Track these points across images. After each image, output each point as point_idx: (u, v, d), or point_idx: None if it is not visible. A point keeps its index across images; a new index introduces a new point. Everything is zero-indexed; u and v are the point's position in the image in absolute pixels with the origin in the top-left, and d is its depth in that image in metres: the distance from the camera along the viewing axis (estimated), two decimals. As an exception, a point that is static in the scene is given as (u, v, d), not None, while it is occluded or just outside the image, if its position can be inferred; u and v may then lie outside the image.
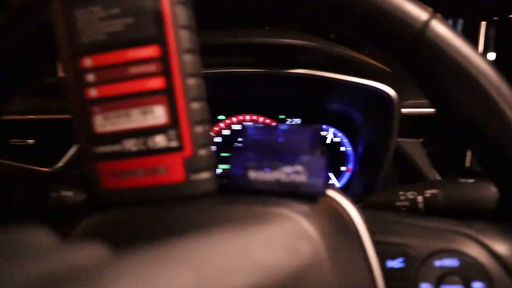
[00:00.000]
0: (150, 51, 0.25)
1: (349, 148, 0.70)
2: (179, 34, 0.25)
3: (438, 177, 0.57)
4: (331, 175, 0.70)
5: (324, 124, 0.70)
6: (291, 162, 0.26)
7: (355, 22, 0.28)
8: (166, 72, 0.25)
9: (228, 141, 0.71)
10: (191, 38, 0.25)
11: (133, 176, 0.26)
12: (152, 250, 0.20)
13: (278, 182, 0.26)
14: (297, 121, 0.70)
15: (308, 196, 0.26)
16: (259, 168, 0.26)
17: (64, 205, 0.41)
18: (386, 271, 0.27)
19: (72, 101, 0.26)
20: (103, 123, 0.26)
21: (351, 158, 0.70)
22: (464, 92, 0.27)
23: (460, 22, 0.85)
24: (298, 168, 0.26)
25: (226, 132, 0.71)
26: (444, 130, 0.57)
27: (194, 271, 0.19)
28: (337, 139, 0.70)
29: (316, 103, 0.68)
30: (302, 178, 0.26)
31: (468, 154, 0.54)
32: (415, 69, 0.29)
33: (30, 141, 0.58)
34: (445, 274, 0.27)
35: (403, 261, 0.27)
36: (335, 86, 0.58)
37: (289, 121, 0.71)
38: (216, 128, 0.72)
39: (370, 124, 0.62)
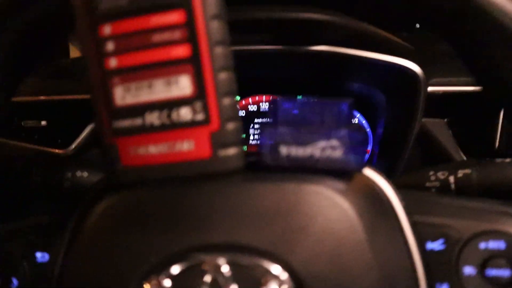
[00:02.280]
0: (174, 17, 0.23)
1: (368, 129, 0.68)
2: None
3: (465, 159, 0.55)
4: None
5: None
6: (326, 136, 0.24)
7: None
8: (192, 39, 0.23)
9: (244, 123, 0.69)
10: (219, 2, 0.24)
11: (155, 152, 0.24)
12: None
13: (312, 158, 0.24)
14: (314, 102, 0.68)
15: (343, 172, 0.25)
16: (291, 143, 0.24)
17: (79, 185, 0.40)
18: (425, 254, 0.25)
19: (90, 72, 0.24)
20: (123, 96, 0.24)
21: (370, 139, 0.68)
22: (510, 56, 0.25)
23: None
24: (334, 142, 0.24)
25: (240, 113, 0.69)
26: (473, 109, 0.55)
27: None
28: (355, 120, 0.68)
29: (334, 83, 0.65)
30: (338, 153, 0.24)
31: (497, 135, 0.51)
32: (460, 39, 0.26)
33: (43, 122, 0.56)
34: (491, 257, 0.25)
35: (444, 243, 0.26)
36: (358, 64, 0.56)
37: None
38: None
39: (393, 103, 0.59)
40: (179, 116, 0.24)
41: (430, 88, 0.55)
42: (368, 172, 0.27)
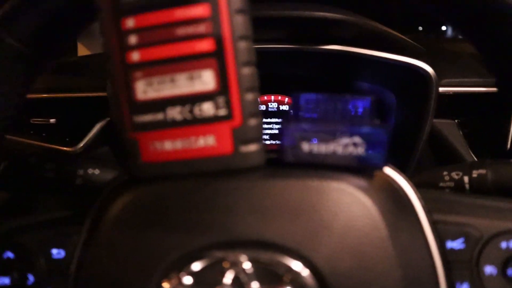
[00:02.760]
0: (199, 11, 0.23)
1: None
2: None
3: (475, 160, 0.55)
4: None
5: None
6: (348, 133, 0.24)
7: None
8: (216, 33, 0.23)
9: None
10: None
11: (176, 147, 0.24)
12: None
13: (334, 155, 0.24)
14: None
15: (364, 170, 0.25)
16: (313, 139, 0.24)
17: (91, 182, 0.40)
18: (446, 252, 0.25)
19: (111, 66, 0.24)
20: (145, 90, 0.24)
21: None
22: None
23: None
24: (356, 139, 0.24)
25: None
26: (484, 110, 0.54)
27: None
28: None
29: (344, 82, 0.65)
30: (360, 150, 0.24)
31: (509, 136, 0.51)
32: (486, 38, 0.26)
33: (52, 120, 0.56)
34: None
35: (464, 242, 0.25)
36: (370, 63, 0.56)
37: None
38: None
39: (405, 104, 0.59)
40: (201, 111, 0.23)
41: (441, 89, 0.55)
42: (389, 170, 0.26)
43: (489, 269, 0.25)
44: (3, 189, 0.39)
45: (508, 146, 0.52)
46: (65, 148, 0.56)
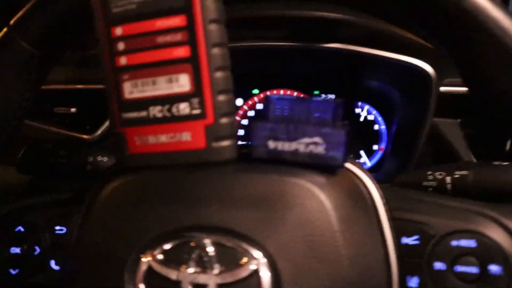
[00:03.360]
0: (177, 21, 0.25)
1: (383, 127, 0.68)
2: (205, 4, 0.25)
3: (474, 160, 0.55)
4: (362, 153, 0.69)
5: (359, 101, 0.69)
6: (310, 133, 0.26)
7: None
8: (191, 41, 0.25)
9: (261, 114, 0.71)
10: (218, 8, 0.26)
11: (157, 141, 0.27)
12: None
13: (296, 153, 0.26)
14: (331, 96, 0.70)
15: (326, 168, 0.27)
16: (278, 138, 0.27)
17: (100, 169, 0.44)
18: (401, 247, 0.27)
19: (104, 68, 0.27)
20: (131, 90, 0.27)
21: (384, 137, 0.68)
22: (501, 67, 0.26)
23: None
24: (317, 139, 0.26)
25: (260, 106, 0.72)
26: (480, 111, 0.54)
27: None
28: (371, 117, 0.69)
29: (352, 79, 0.66)
30: (320, 149, 0.26)
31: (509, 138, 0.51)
32: (450, 43, 0.28)
33: (73, 109, 0.61)
34: (461, 255, 0.26)
35: (419, 239, 0.27)
36: (372, 61, 0.57)
37: (323, 96, 0.70)
38: (250, 102, 0.72)
39: (406, 102, 0.60)
40: (178, 110, 0.26)
41: (443, 88, 0.55)
42: (353, 168, 0.28)
43: (438, 265, 0.27)
44: (22, 172, 0.44)
45: (508, 147, 0.52)
46: (84, 135, 0.60)
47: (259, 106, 0.72)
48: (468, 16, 0.25)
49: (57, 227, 0.32)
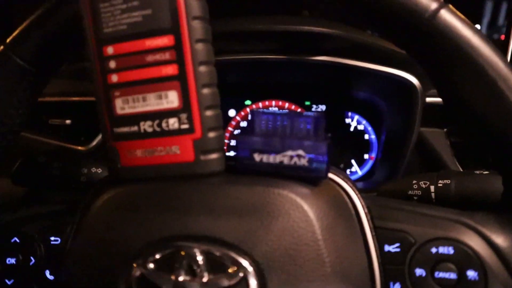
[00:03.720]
0: (165, 41, 0.27)
1: (373, 136, 0.70)
2: (192, 24, 0.27)
3: (460, 169, 0.57)
4: (353, 162, 0.71)
5: (349, 111, 0.70)
6: (294, 146, 0.27)
7: (364, 9, 0.29)
8: (179, 60, 0.27)
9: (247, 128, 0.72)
10: (204, 28, 0.27)
11: (148, 155, 0.28)
12: None
13: (281, 165, 0.27)
14: (322, 107, 0.71)
15: (310, 179, 0.28)
16: (264, 151, 0.28)
17: (94, 180, 0.45)
18: (383, 255, 0.28)
19: (96, 86, 0.29)
20: (122, 106, 0.28)
21: (374, 146, 0.70)
22: (471, 82, 0.27)
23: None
24: (300, 152, 0.27)
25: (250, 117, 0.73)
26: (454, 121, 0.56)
27: None
28: (361, 127, 0.70)
29: (341, 90, 0.68)
30: (303, 161, 0.27)
31: (493, 146, 0.53)
32: (423, 58, 0.29)
33: (68, 121, 0.62)
34: (440, 261, 0.27)
35: (400, 246, 0.28)
36: (359, 73, 0.58)
37: (314, 107, 0.71)
38: (242, 113, 0.74)
39: (393, 112, 0.62)
40: (168, 125, 0.28)
41: (429, 99, 0.57)
42: (336, 178, 0.30)
43: (419, 271, 0.28)
44: (17, 184, 0.45)
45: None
46: (78, 147, 0.61)
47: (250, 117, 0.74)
48: (438, 32, 0.27)
49: (52, 238, 0.33)
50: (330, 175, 0.30)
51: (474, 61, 0.26)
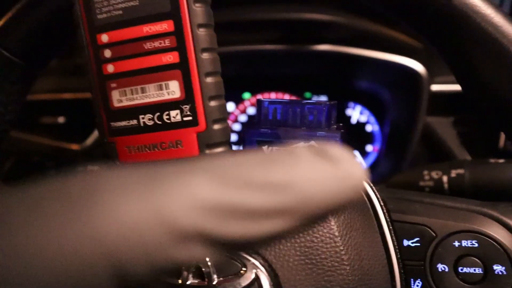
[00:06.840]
0: (164, 26, 0.25)
1: (376, 127, 0.68)
2: (193, 8, 0.25)
3: (469, 158, 0.55)
4: (356, 154, 0.69)
5: (351, 102, 0.68)
6: (305, 137, 0.25)
7: None
8: (180, 47, 0.25)
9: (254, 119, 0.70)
10: (206, 12, 0.25)
11: (148, 150, 0.26)
12: None
13: (292, 158, 0.26)
14: (323, 98, 0.69)
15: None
16: (272, 143, 0.26)
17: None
18: (402, 250, 0.27)
19: (90, 77, 0.26)
20: (119, 99, 0.26)
21: (378, 137, 0.68)
22: (493, 64, 0.25)
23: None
24: (313, 143, 0.25)
25: (251, 110, 0.71)
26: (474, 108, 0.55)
27: None
28: (363, 118, 0.68)
29: (343, 80, 0.66)
30: (316, 154, 0.25)
31: (503, 134, 0.51)
32: (441, 41, 0.27)
33: (60, 119, 0.60)
34: (464, 255, 0.26)
35: (420, 241, 0.27)
36: (362, 62, 0.57)
37: (315, 98, 0.70)
38: (241, 106, 0.72)
39: (398, 101, 0.60)
40: (169, 117, 0.26)
41: (435, 87, 0.55)
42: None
43: (441, 267, 0.26)
44: (9, 184, 0.43)
45: (501, 144, 0.52)
46: (73, 145, 0.59)
47: (251, 110, 0.72)
48: (458, 12, 0.25)
49: None
50: None
51: (498, 41, 0.24)
